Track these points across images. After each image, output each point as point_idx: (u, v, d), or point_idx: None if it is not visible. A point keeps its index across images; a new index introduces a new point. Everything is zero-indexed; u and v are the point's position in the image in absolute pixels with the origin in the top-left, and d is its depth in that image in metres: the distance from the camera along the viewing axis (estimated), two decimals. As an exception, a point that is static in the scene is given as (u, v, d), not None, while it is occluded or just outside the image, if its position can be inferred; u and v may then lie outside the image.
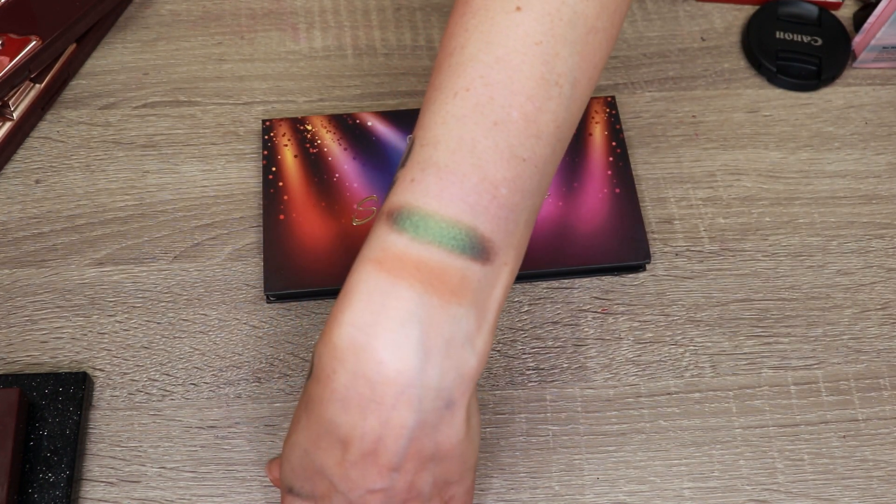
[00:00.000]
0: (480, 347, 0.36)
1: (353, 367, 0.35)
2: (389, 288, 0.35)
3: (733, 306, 0.54)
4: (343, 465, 0.37)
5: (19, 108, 0.58)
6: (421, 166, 0.36)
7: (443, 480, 0.39)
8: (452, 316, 0.35)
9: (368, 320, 0.35)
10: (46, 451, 0.48)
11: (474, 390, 0.37)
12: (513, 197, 0.36)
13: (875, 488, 0.49)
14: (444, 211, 0.35)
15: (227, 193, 0.57)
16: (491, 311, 0.36)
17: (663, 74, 0.62)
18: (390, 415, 0.35)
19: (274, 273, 0.53)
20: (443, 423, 0.36)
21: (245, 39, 0.63)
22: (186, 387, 0.51)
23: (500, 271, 0.36)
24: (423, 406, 0.35)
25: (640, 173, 0.58)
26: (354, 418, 0.36)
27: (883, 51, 0.62)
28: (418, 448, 0.36)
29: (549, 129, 0.37)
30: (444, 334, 0.35)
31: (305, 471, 0.39)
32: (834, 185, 0.58)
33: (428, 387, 0.35)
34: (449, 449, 0.37)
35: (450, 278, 0.35)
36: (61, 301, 0.53)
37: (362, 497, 0.38)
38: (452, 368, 0.35)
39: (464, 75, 0.36)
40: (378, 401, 0.35)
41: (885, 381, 0.52)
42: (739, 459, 0.50)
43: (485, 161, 0.35)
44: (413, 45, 0.63)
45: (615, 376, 0.52)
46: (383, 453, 0.36)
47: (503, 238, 0.36)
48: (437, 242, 0.35)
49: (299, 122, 0.58)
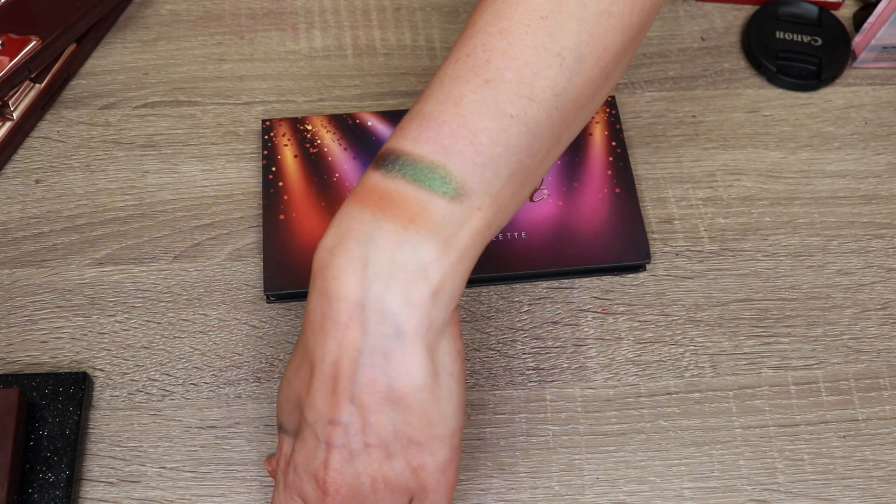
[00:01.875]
0: (436, 279, 0.37)
1: (320, 286, 0.37)
2: (354, 213, 0.37)
3: (733, 306, 0.54)
4: (310, 393, 0.39)
5: (19, 107, 0.58)
6: (409, 117, 0.38)
7: (405, 436, 0.39)
8: (405, 240, 0.36)
9: (334, 242, 0.37)
10: (46, 451, 0.48)
11: (441, 339, 0.38)
12: (494, 147, 0.37)
13: (875, 488, 0.49)
14: (417, 151, 0.37)
15: (227, 193, 0.57)
16: (454, 247, 0.37)
17: (663, 74, 0.62)
18: (344, 335, 0.37)
19: (274, 273, 0.53)
20: (393, 356, 0.37)
21: (245, 39, 0.63)
22: (186, 387, 0.51)
23: (471, 213, 0.37)
24: (371, 328, 0.36)
25: (640, 173, 0.58)
26: (318, 338, 0.38)
27: (883, 51, 0.62)
28: (371, 378, 0.37)
29: (544, 94, 0.38)
30: (394, 257, 0.36)
31: (289, 403, 0.41)
32: (834, 185, 0.58)
33: (374, 308, 0.36)
34: (405, 392, 0.37)
35: (409, 207, 0.37)
36: (61, 301, 0.53)
37: (325, 430, 0.39)
38: (400, 293, 0.36)
39: (467, 44, 0.39)
40: (335, 319, 0.37)
41: (885, 381, 0.52)
42: (739, 459, 0.50)
43: (468, 111, 0.37)
44: (413, 45, 0.63)
45: (615, 376, 0.52)
46: (340, 378, 0.37)
47: (477, 182, 0.37)
48: (402, 176, 0.37)
49: (299, 122, 0.58)
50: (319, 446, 0.39)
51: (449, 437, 0.39)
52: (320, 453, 0.39)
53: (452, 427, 0.39)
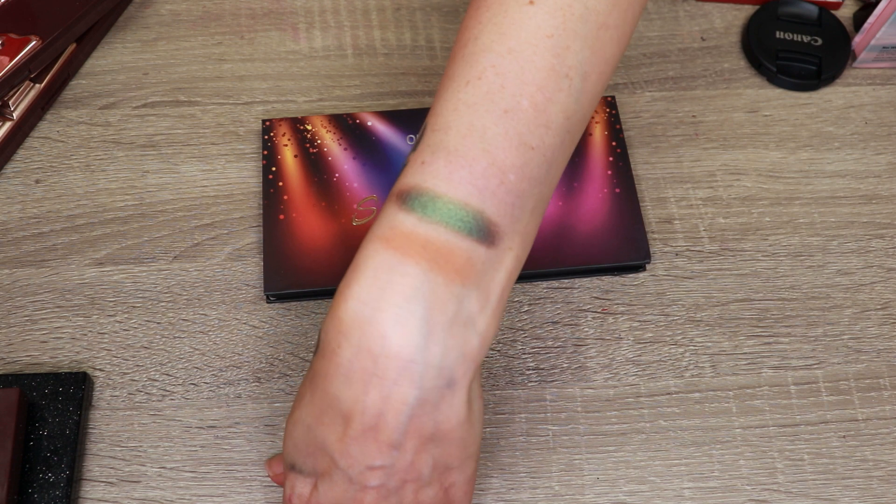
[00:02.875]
0: (483, 329, 0.36)
1: (358, 341, 0.36)
2: (396, 265, 0.35)
3: (733, 306, 0.54)
4: (344, 441, 0.37)
5: (19, 107, 0.58)
6: (431, 150, 0.37)
7: (443, 464, 0.39)
8: (456, 295, 0.35)
9: (374, 295, 0.35)
10: (46, 451, 0.48)
11: (476, 373, 0.38)
12: (520, 184, 0.36)
13: (875, 488, 0.49)
14: (453, 193, 0.36)
15: (227, 193, 0.57)
16: (494, 293, 0.37)
17: (663, 74, 0.62)
18: (392, 390, 0.36)
19: (274, 273, 0.53)
20: (443, 403, 0.37)
21: (245, 39, 0.63)
22: (186, 387, 0.51)
23: (504, 255, 0.37)
24: (425, 383, 0.36)
25: (640, 173, 0.58)
26: (357, 392, 0.36)
27: (883, 51, 0.62)
28: (418, 426, 0.37)
29: (558, 120, 0.37)
30: (447, 312, 0.35)
31: (308, 447, 0.39)
32: (834, 184, 0.58)
33: (430, 364, 0.35)
34: (449, 430, 0.37)
35: (455, 258, 0.35)
36: (61, 301, 0.53)
37: (362, 474, 0.38)
38: (455, 347, 0.36)
39: (476, 65, 0.37)
40: (380, 375, 0.35)
41: (884, 380, 0.52)
42: (739, 459, 0.50)
43: (494, 147, 0.36)
44: (413, 45, 0.63)
45: (615, 376, 0.52)
46: (383, 429, 0.36)
47: (509, 223, 0.37)
48: (444, 223, 0.35)
49: (299, 122, 0.58)
50: (352, 487, 0.38)
51: (476, 451, 0.40)
52: (353, 493, 0.38)
53: (479, 441, 0.40)
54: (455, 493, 0.41)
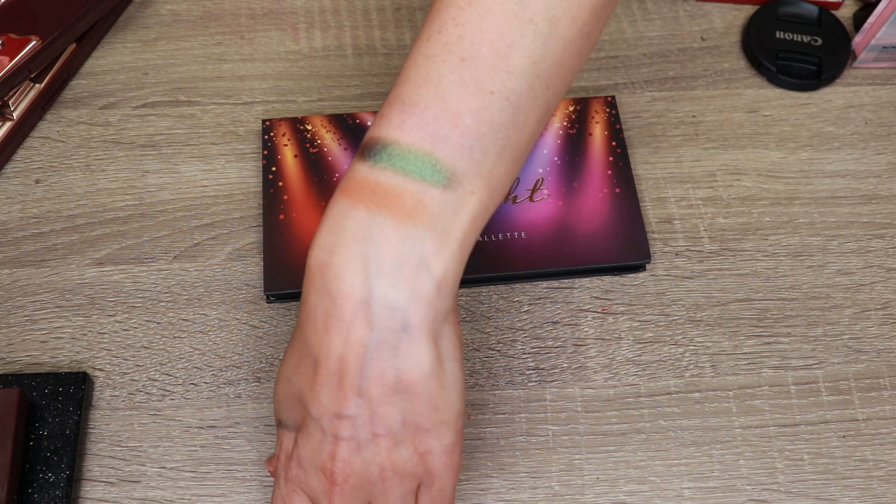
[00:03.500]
0: (438, 271, 0.37)
1: (320, 284, 0.37)
2: (347, 210, 0.37)
3: (733, 306, 0.54)
4: (314, 388, 0.38)
5: (19, 107, 0.58)
6: (390, 102, 0.38)
7: (413, 423, 0.39)
8: (405, 235, 0.36)
9: (330, 240, 0.37)
10: (46, 451, 0.48)
11: (444, 326, 0.38)
12: (479, 127, 0.37)
13: (875, 488, 0.49)
14: (403, 139, 0.37)
15: (227, 193, 0.57)
16: (453, 237, 0.37)
17: (663, 74, 0.62)
18: (349, 331, 0.37)
19: (274, 273, 0.53)
20: (401, 349, 0.37)
21: (245, 39, 0.63)
22: (186, 387, 0.51)
23: (465, 199, 0.37)
24: (378, 323, 0.36)
25: (640, 173, 0.58)
26: (321, 335, 0.37)
27: (883, 51, 0.62)
28: (379, 371, 0.37)
29: (523, 65, 0.38)
30: (396, 253, 0.36)
31: (289, 399, 0.40)
32: (834, 184, 0.58)
33: (381, 304, 0.36)
34: (413, 382, 0.38)
35: (404, 200, 0.36)
36: (61, 301, 0.53)
37: (332, 423, 0.38)
38: (405, 288, 0.36)
39: (438, 20, 0.38)
40: (339, 316, 0.37)
41: (884, 380, 0.52)
42: (739, 459, 0.50)
43: (448, 93, 0.37)
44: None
45: (615, 376, 0.52)
46: (346, 373, 0.37)
47: (468, 166, 0.37)
48: (392, 167, 0.37)
49: (299, 122, 0.58)
50: (325, 439, 0.39)
51: (454, 420, 0.40)
52: (327, 446, 0.39)
53: (457, 411, 0.39)
54: (433, 463, 0.40)
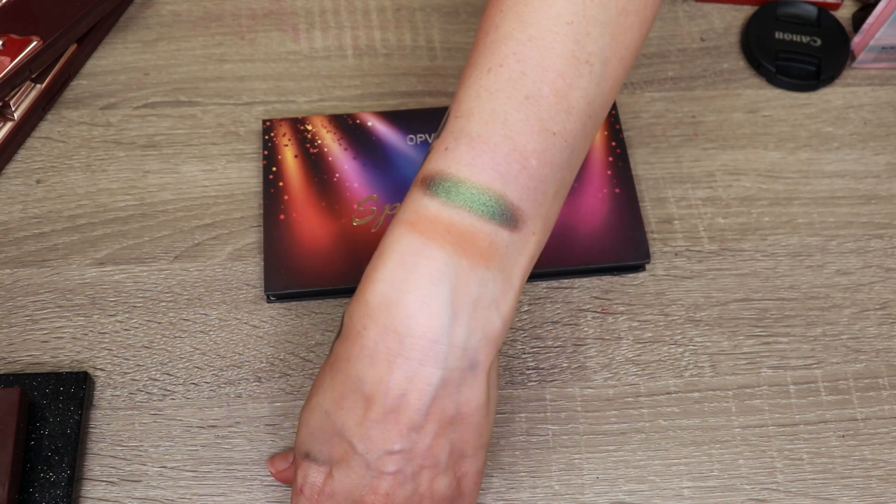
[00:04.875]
0: (505, 312, 0.37)
1: (384, 321, 0.36)
2: (421, 248, 0.36)
3: (733, 306, 0.54)
4: (364, 424, 0.38)
5: (20, 108, 0.58)
6: (454, 136, 0.37)
7: (459, 451, 0.39)
8: (480, 278, 0.36)
9: (400, 278, 0.36)
10: (47, 451, 0.48)
11: (496, 358, 0.38)
12: (542, 168, 0.37)
13: (874, 487, 0.50)
14: (476, 178, 0.36)
15: (228, 193, 0.57)
16: (516, 277, 0.38)
17: (663, 74, 0.62)
18: (417, 370, 0.36)
19: (274, 273, 0.53)
20: (465, 385, 0.37)
21: (245, 40, 0.63)
22: (187, 386, 0.51)
23: (527, 240, 0.38)
24: (449, 363, 0.36)
25: (639, 173, 0.58)
26: (381, 373, 0.37)
27: (882, 51, 0.62)
28: (441, 408, 0.37)
29: (579, 105, 0.38)
30: (471, 295, 0.36)
31: (325, 433, 0.39)
32: (833, 185, 0.59)
33: (455, 344, 0.36)
34: (469, 414, 0.38)
35: (479, 242, 0.36)
36: (62, 301, 0.54)
37: (380, 459, 0.38)
38: (479, 329, 0.37)
39: (497, 52, 0.38)
40: (406, 355, 0.36)
41: (883, 380, 0.52)
42: (739, 459, 0.50)
43: (516, 133, 0.37)
44: (413, 45, 0.63)
45: (615, 376, 0.52)
46: (405, 410, 0.37)
47: (532, 207, 0.37)
48: (467, 207, 0.36)
49: (299, 122, 0.58)
50: (368, 474, 0.39)
51: (488, 441, 0.41)
52: (368, 480, 0.39)
53: (490, 433, 0.40)
54: (466, 485, 0.41)
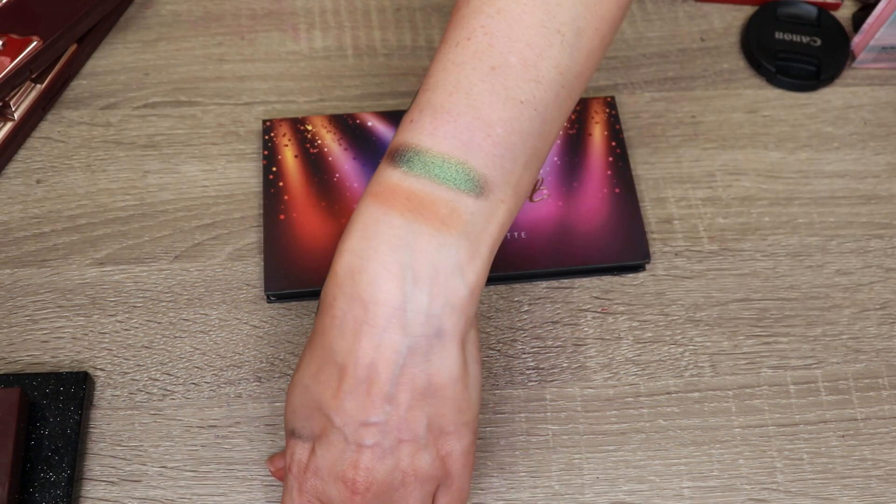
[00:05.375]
0: (471, 279, 0.37)
1: (350, 291, 0.37)
2: (381, 216, 0.37)
3: (732, 306, 0.54)
4: (338, 396, 0.38)
5: (20, 108, 0.58)
6: (420, 108, 0.38)
7: (438, 427, 0.39)
8: (441, 244, 0.37)
9: (363, 246, 0.37)
10: (47, 451, 0.48)
11: (470, 330, 0.38)
12: (509, 137, 0.37)
13: (874, 487, 0.50)
14: (437, 147, 0.37)
15: (228, 193, 0.57)
16: (485, 244, 0.38)
17: (663, 74, 0.62)
18: (382, 338, 0.37)
19: (274, 273, 0.53)
20: (434, 354, 0.37)
21: (245, 40, 0.63)
22: (187, 386, 0.51)
23: (495, 208, 0.38)
24: (413, 330, 0.37)
25: (639, 173, 0.58)
26: (349, 342, 0.37)
27: (882, 51, 0.62)
28: (411, 377, 0.37)
29: (550, 75, 0.38)
30: (432, 261, 0.36)
31: (305, 408, 0.40)
32: (833, 185, 0.59)
33: (417, 311, 0.37)
34: (442, 385, 0.38)
35: (439, 209, 0.37)
36: (62, 301, 0.54)
37: (356, 431, 0.38)
38: (440, 295, 0.37)
39: (467, 26, 0.39)
40: (371, 323, 0.37)
41: (883, 380, 0.52)
42: (739, 459, 0.50)
43: (480, 102, 0.37)
44: (413, 45, 0.63)
45: (615, 376, 0.52)
46: (376, 380, 0.37)
47: (499, 175, 0.37)
48: (427, 175, 0.37)
49: (299, 123, 0.58)
50: (348, 448, 0.39)
51: (473, 421, 0.40)
52: (349, 454, 0.39)
53: (476, 412, 0.40)
54: (453, 465, 0.40)
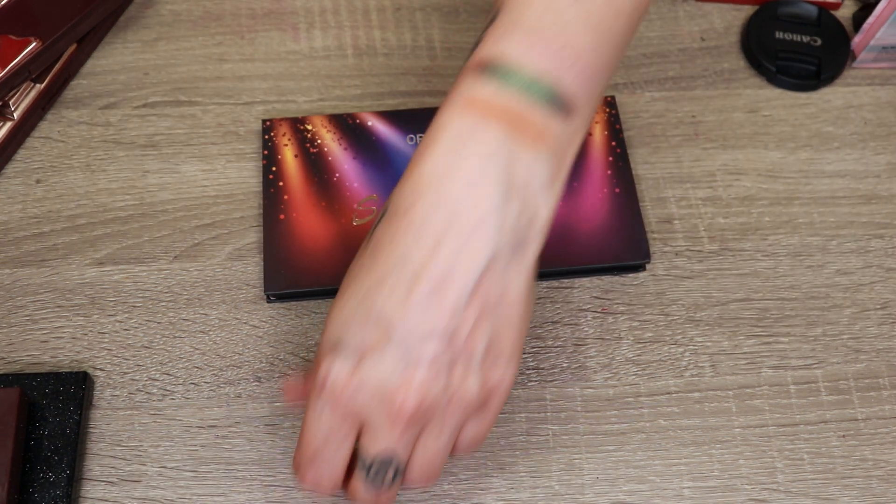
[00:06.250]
0: (552, 198, 0.38)
1: (434, 198, 0.37)
2: (475, 126, 0.37)
3: (733, 306, 0.54)
4: (406, 304, 0.37)
5: (20, 107, 0.58)
6: (509, 26, 0.39)
7: (494, 351, 0.39)
8: (533, 159, 0.37)
9: (453, 155, 0.37)
10: (47, 451, 0.48)
11: (537, 258, 0.39)
12: (594, 63, 0.39)
13: (874, 488, 0.50)
14: (531, 66, 0.38)
15: (228, 193, 0.57)
16: (565, 165, 0.39)
17: (663, 74, 0.62)
18: (465, 245, 0.37)
19: (274, 273, 0.53)
20: (511, 268, 0.38)
21: (245, 39, 0.63)
22: (187, 386, 0.51)
23: (577, 129, 0.39)
24: (499, 240, 0.37)
25: (639, 173, 0.58)
26: (428, 249, 0.37)
27: (882, 51, 0.62)
28: (486, 290, 0.37)
29: (626, 10, 0.40)
30: (523, 175, 0.37)
31: (359, 318, 0.38)
32: (833, 184, 0.58)
33: (505, 223, 0.37)
34: (511, 302, 0.38)
35: (533, 125, 0.37)
36: (62, 301, 0.53)
37: (418, 343, 0.37)
38: (527, 210, 0.37)
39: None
40: (455, 231, 0.36)
41: (884, 380, 0.52)
42: (739, 459, 0.50)
43: (569, 29, 0.38)
44: (413, 45, 0.63)
45: (615, 376, 0.52)
46: (451, 288, 0.37)
47: (582, 99, 0.39)
48: (523, 92, 0.37)
49: (299, 122, 0.58)
50: (402, 364, 0.37)
51: (519, 354, 0.41)
52: (402, 371, 0.37)
53: (522, 346, 0.41)
54: (493, 398, 0.40)
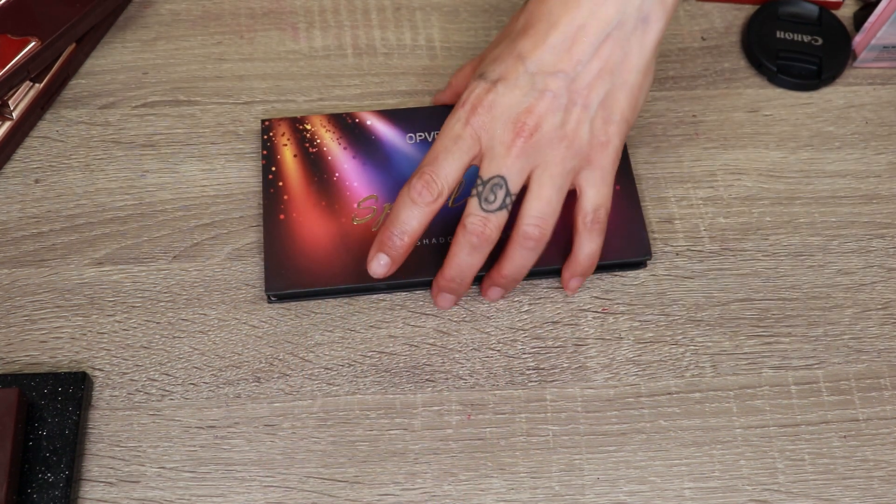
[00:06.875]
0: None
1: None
2: None
3: (734, 306, 0.54)
4: (541, 47, 0.46)
5: (19, 107, 0.58)
6: None
7: (608, 109, 0.47)
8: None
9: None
10: (46, 452, 0.48)
11: (656, 50, 0.47)
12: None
13: (876, 488, 0.49)
14: None
15: (227, 193, 0.57)
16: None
17: (663, 74, 0.62)
18: (599, 7, 0.45)
19: (274, 273, 0.53)
20: (634, 37, 0.46)
21: (245, 39, 0.63)
22: (186, 386, 0.51)
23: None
24: (626, 8, 0.45)
25: (640, 173, 0.58)
26: (568, 8, 0.46)
27: (883, 50, 0.61)
28: (609, 50, 0.46)
29: None
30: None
31: (502, 55, 0.48)
32: (834, 184, 0.58)
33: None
34: (629, 69, 0.46)
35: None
36: (60, 301, 0.53)
37: (544, 79, 0.46)
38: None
39: None
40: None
41: (885, 380, 0.52)
42: (740, 459, 0.50)
43: None
44: (413, 44, 0.63)
45: (615, 376, 0.52)
46: (580, 40, 0.45)
47: None
48: None
49: (299, 122, 0.57)
50: (530, 92, 0.46)
51: (629, 123, 0.48)
52: (528, 98, 0.46)
53: (634, 120, 0.49)
54: (603, 155, 0.47)
